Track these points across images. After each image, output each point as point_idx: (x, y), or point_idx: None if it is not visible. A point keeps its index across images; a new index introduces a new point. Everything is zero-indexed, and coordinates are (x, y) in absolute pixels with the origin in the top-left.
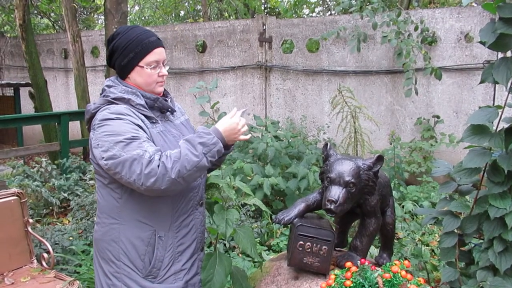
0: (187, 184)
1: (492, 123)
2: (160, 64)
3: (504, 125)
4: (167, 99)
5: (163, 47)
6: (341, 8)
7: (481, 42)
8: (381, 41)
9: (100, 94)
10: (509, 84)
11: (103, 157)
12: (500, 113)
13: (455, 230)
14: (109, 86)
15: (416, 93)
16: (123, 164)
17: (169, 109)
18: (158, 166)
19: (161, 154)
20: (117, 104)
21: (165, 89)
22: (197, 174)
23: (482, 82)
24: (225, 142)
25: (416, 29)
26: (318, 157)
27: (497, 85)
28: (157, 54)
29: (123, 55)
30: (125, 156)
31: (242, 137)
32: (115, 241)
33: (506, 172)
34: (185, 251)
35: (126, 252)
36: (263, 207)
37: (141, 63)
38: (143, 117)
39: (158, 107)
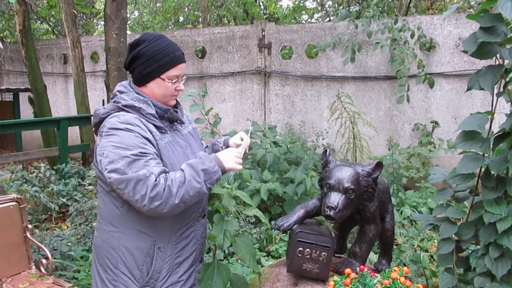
0: (186, 207)
1: (490, 129)
2: (180, 78)
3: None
4: (177, 110)
5: (185, 62)
6: (338, 19)
7: (464, 51)
8: (373, 47)
9: (111, 98)
10: (495, 90)
11: (107, 168)
12: (490, 119)
13: (452, 236)
14: (120, 92)
15: (408, 100)
16: (127, 183)
17: (178, 121)
18: (164, 190)
19: (166, 177)
20: (128, 111)
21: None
22: (197, 200)
23: (469, 89)
24: (223, 171)
25: (412, 36)
26: (316, 162)
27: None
28: (180, 69)
29: (147, 64)
30: (130, 175)
31: (238, 166)
32: (114, 249)
33: (495, 176)
34: (183, 263)
35: (124, 261)
36: (263, 218)
37: (163, 76)
38: (152, 127)
39: (168, 118)
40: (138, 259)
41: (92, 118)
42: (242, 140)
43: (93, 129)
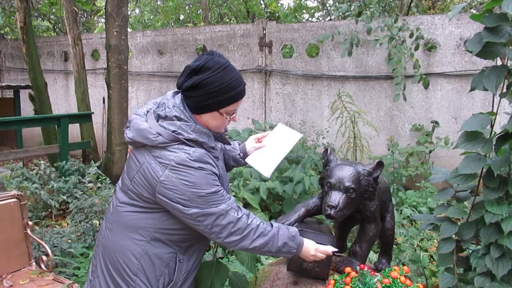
0: (251, 253)
1: (492, 129)
2: (235, 111)
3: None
4: (226, 134)
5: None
6: (339, 13)
7: (469, 51)
8: (372, 43)
9: (161, 116)
10: (499, 91)
11: (181, 203)
12: (492, 120)
13: (453, 236)
14: (179, 119)
15: (404, 99)
16: (206, 217)
17: (226, 143)
18: (245, 227)
19: (248, 213)
20: (191, 146)
21: None
22: (261, 254)
23: (472, 89)
24: (295, 254)
25: (411, 36)
26: (316, 161)
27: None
28: (240, 103)
29: (209, 96)
30: (211, 210)
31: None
32: (136, 257)
33: (496, 175)
34: (193, 272)
35: (145, 269)
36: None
37: (222, 110)
38: (214, 159)
39: (217, 141)
40: (158, 269)
41: (132, 131)
42: (259, 141)
43: (128, 140)
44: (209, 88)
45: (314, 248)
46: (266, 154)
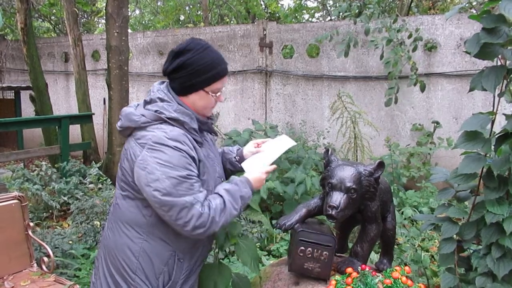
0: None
1: (491, 129)
2: (221, 90)
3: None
4: (212, 121)
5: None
6: (338, 12)
7: (467, 52)
8: (368, 44)
9: (147, 102)
10: (497, 91)
11: (150, 186)
12: (492, 120)
13: (454, 236)
14: (162, 100)
15: (396, 102)
16: (171, 207)
17: (213, 133)
18: (208, 219)
19: (210, 205)
20: (172, 124)
21: None
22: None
23: (471, 90)
24: (254, 190)
25: (409, 37)
26: (317, 161)
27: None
28: (224, 81)
29: (192, 76)
30: (175, 200)
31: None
32: (134, 254)
33: (496, 175)
34: (195, 272)
35: (144, 267)
36: (267, 225)
37: (207, 88)
38: (194, 143)
39: (203, 129)
40: (157, 267)
41: (121, 119)
42: (259, 146)
43: (119, 129)
44: (192, 68)
45: (261, 172)
46: (260, 159)
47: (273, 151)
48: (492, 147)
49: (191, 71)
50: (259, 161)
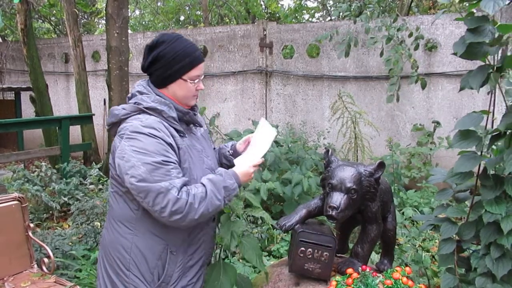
0: (202, 221)
1: (485, 127)
2: (200, 78)
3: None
4: (195, 112)
5: (204, 61)
6: (338, 12)
7: (454, 54)
8: (367, 42)
9: (129, 98)
10: (497, 91)
11: (127, 173)
12: (486, 118)
13: (453, 237)
14: (140, 93)
15: (397, 99)
16: (147, 193)
17: (196, 123)
18: (185, 205)
19: (188, 191)
20: (149, 114)
21: None
22: (213, 214)
23: (461, 89)
24: (240, 186)
25: (410, 35)
26: (317, 162)
27: (497, 92)
28: (200, 69)
29: (168, 66)
30: (151, 185)
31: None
32: (126, 250)
33: (491, 174)
34: (194, 266)
35: (137, 263)
36: (269, 220)
37: (184, 77)
38: (173, 131)
39: (186, 121)
40: (150, 262)
41: (108, 117)
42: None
43: (107, 127)
44: (166, 59)
45: (248, 166)
46: (251, 154)
47: (260, 145)
48: (484, 145)
49: (166, 61)
50: (249, 156)
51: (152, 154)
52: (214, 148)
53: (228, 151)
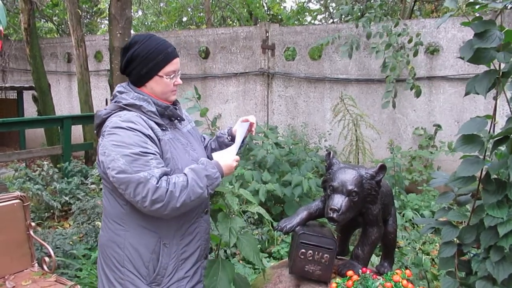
0: (186, 211)
1: (489, 132)
2: (176, 73)
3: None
4: (176, 107)
5: (178, 57)
6: (340, 14)
7: (461, 58)
8: (369, 50)
9: (111, 100)
10: (492, 95)
11: (109, 167)
12: (489, 123)
13: (454, 240)
14: (120, 92)
15: (394, 106)
16: (127, 184)
17: (178, 118)
18: (166, 193)
19: (168, 180)
20: (129, 110)
21: None
22: (197, 204)
23: (467, 94)
24: (223, 176)
25: (410, 41)
26: (318, 164)
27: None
28: (175, 64)
29: (143, 64)
30: (130, 176)
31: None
32: (120, 247)
33: (494, 179)
34: (189, 259)
35: (130, 258)
36: (266, 215)
37: (160, 73)
38: (153, 125)
39: (168, 115)
40: (144, 256)
41: (94, 119)
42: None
43: (95, 131)
44: (140, 57)
45: (230, 159)
46: (230, 149)
47: (238, 136)
48: (486, 150)
49: (140, 60)
50: (228, 150)
51: (130, 146)
52: (210, 139)
53: (227, 138)
